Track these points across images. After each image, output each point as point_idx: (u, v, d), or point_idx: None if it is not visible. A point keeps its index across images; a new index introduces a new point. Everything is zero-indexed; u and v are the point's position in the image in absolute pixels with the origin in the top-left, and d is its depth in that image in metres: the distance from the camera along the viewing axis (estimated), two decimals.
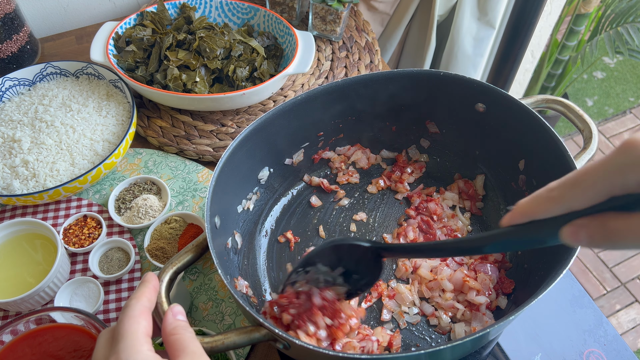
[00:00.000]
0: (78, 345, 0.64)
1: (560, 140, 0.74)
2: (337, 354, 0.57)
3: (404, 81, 0.86)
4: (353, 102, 0.88)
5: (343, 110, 0.89)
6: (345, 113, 0.90)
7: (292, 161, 0.91)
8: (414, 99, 0.88)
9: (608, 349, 0.79)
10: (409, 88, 0.87)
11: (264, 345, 0.79)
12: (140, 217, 0.88)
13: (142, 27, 1.07)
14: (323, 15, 1.16)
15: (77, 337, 0.64)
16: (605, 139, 2.52)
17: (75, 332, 0.65)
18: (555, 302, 0.84)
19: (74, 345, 0.64)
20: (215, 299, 0.83)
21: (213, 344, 0.58)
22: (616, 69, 2.83)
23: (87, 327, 0.65)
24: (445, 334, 0.78)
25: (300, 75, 1.15)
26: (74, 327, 0.65)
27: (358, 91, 0.86)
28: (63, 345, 0.63)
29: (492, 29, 1.48)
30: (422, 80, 0.86)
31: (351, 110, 0.90)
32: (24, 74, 1.01)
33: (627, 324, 1.94)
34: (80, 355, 0.63)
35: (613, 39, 1.89)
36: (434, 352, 0.58)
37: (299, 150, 0.91)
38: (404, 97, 0.88)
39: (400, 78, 0.86)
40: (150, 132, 1.03)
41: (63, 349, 0.63)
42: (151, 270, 0.85)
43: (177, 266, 0.66)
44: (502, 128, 0.84)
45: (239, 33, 1.08)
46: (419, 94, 0.87)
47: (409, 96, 0.88)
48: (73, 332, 0.64)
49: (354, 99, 0.88)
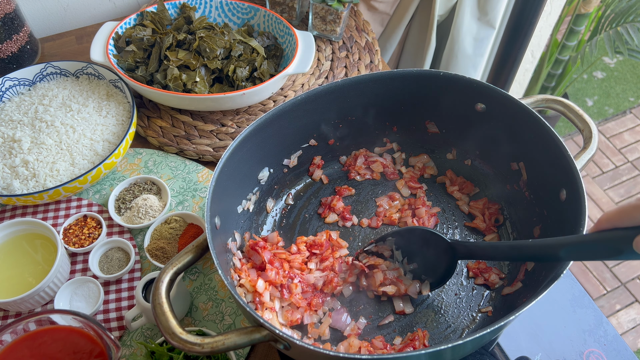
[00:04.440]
0: (77, 347, 0.64)
1: (560, 140, 0.74)
2: (337, 354, 0.57)
3: (404, 81, 0.86)
4: (353, 102, 0.88)
5: (343, 110, 0.89)
6: (345, 113, 0.90)
7: (292, 161, 0.91)
8: (414, 99, 0.88)
9: (608, 349, 0.79)
10: (409, 88, 0.87)
11: (264, 345, 0.79)
12: (140, 217, 0.88)
13: (142, 27, 1.07)
14: (323, 15, 1.16)
15: (76, 339, 0.64)
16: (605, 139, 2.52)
17: (74, 334, 0.65)
18: (556, 302, 0.84)
19: (73, 347, 0.64)
20: (215, 299, 0.83)
21: (213, 345, 0.58)
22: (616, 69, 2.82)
23: (85, 329, 0.65)
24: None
25: (300, 75, 1.15)
26: (73, 329, 0.65)
27: (358, 91, 0.86)
28: (62, 347, 0.63)
29: (492, 29, 1.48)
30: (422, 80, 0.85)
31: (351, 110, 0.90)
32: (24, 74, 1.01)
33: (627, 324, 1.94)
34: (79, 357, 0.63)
35: (613, 39, 1.89)
36: (434, 352, 0.58)
37: (298, 151, 0.91)
38: (404, 97, 0.88)
39: (400, 78, 0.86)
40: (150, 132, 1.03)
41: (62, 350, 0.63)
42: (151, 270, 0.85)
43: (177, 267, 0.66)
44: (502, 128, 0.84)
45: (239, 33, 1.08)
46: (419, 94, 0.87)
47: (409, 96, 0.88)
48: (72, 334, 0.65)
49: (354, 99, 0.88)
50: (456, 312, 0.80)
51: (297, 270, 0.81)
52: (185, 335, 0.58)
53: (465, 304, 0.81)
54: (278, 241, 0.85)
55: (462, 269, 0.84)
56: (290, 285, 0.79)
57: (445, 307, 0.80)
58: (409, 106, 0.90)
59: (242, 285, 0.76)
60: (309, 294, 0.79)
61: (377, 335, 0.77)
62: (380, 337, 0.76)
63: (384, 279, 0.80)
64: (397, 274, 0.81)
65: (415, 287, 0.80)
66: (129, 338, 0.79)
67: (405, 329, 0.78)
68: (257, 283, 0.76)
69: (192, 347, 0.58)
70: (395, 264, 0.82)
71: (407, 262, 0.81)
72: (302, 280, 0.80)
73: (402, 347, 0.75)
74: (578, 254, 0.57)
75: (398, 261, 0.82)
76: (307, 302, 0.79)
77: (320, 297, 0.80)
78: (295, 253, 0.83)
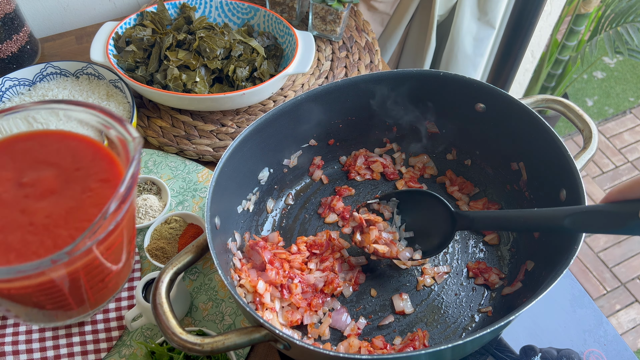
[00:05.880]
0: (76, 152, 0.50)
1: (560, 140, 0.74)
2: (338, 354, 0.57)
3: (404, 81, 0.86)
4: (353, 102, 0.88)
5: (343, 110, 0.89)
6: (345, 113, 0.90)
7: (292, 161, 0.91)
8: (414, 98, 0.88)
9: (608, 349, 0.79)
10: (409, 88, 0.87)
11: (264, 345, 0.79)
12: (140, 217, 0.88)
13: (142, 27, 1.07)
14: (323, 15, 1.16)
15: (74, 144, 0.51)
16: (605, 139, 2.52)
17: (68, 139, 0.51)
18: (555, 302, 0.84)
19: (71, 152, 0.50)
20: (215, 299, 0.83)
21: (213, 345, 0.58)
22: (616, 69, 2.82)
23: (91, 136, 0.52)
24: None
25: (300, 75, 1.15)
26: (67, 133, 0.51)
27: (358, 91, 0.86)
28: (57, 151, 0.50)
29: (492, 29, 1.48)
30: (422, 80, 0.85)
31: (351, 110, 0.90)
32: (24, 74, 1.01)
33: (627, 324, 1.94)
34: (78, 165, 0.49)
35: (613, 39, 1.89)
36: (434, 352, 0.58)
37: (298, 151, 0.91)
38: (404, 97, 0.88)
39: (400, 78, 0.86)
40: (150, 132, 1.03)
41: (58, 154, 0.50)
42: (151, 271, 0.85)
43: (177, 267, 0.66)
44: (502, 128, 0.84)
45: (239, 33, 1.08)
46: (419, 94, 0.87)
47: (409, 96, 0.88)
48: (68, 139, 0.51)
49: (354, 99, 0.88)
50: (456, 312, 0.80)
51: (297, 271, 0.81)
52: (185, 335, 0.58)
53: (465, 304, 0.81)
54: (279, 241, 0.85)
55: (462, 269, 0.84)
56: (290, 285, 0.79)
57: (445, 307, 0.80)
58: (409, 106, 0.90)
59: (242, 285, 0.76)
60: (309, 294, 0.79)
61: (377, 335, 0.77)
62: (380, 337, 0.76)
63: (379, 237, 0.80)
64: (392, 237, 0.81)
65: (407, 252, 0.80)
66: (129, 338, 0.79)
67: (405, 329, 0.78)
68: (258, 284, 0.76)
69: (192, 347, 0.58)
70: (393, 228, 0.82)
71: (404, 229, 0.82)
72: (302, 281, 0.80)
73: (402, 347, 0.75)
74: (583, 224, 0.55)
75: (396, 226, 0.82)
76: (307, 303, 0.79)
77: (320, 298, 0.80)
78: (295, 253, 0.83)
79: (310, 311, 0.78)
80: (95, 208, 0.46)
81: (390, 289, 0.83)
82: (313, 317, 0.79)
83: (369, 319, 0.80)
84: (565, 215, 0.57)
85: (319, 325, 0.78)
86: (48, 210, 0.45)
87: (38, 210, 0.45)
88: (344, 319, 0.79)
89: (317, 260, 0.83)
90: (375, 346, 0.75)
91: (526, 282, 0.78)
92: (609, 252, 2.12)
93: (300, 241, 0.85)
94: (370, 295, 0.82)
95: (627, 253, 2.12)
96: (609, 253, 2.12)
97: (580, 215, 0.55)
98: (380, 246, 0.80)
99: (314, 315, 0.79)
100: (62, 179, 0.47)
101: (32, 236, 0.43)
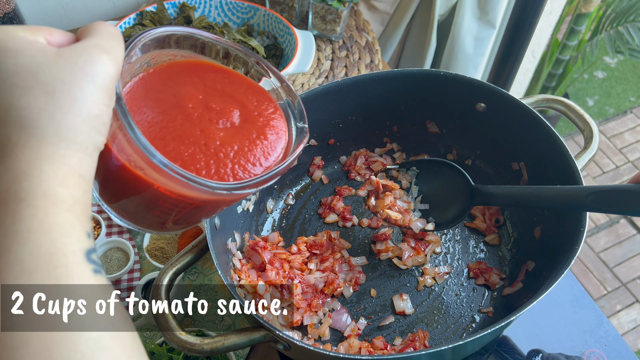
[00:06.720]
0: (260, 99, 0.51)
1: (561, 140, 0.74)
2: (338, 354, 0.57)
3: (404, 81, 0.86)
4: (353, 102, 0.88)
5: (343, 110, 0.89)
6: (345, 113, 0.90)
7: None
8: (414, 98, 0.88)
9: (609, 350, 0.79)
10: (409, 88, 0.86)
11: (264, 345, 0.79)
12: None
13: (142, 27, 1.07)
14: (323, 15, 1.16)
15: (258, 93, 0.51)
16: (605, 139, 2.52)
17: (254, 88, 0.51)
18: (556, 303, 0.84)
19: (255, 97, 0.51)
20: (215, 299, 0.83)
21: (213, 345, 0.58)
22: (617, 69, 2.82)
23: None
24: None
25: (300, 75, 1.15)
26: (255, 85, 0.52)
27: (358, 91, 0.86)
28: (244, 92, 0.50)
29: (492, 28, 1.47)
30: (422, 79, 0.85)
31: (351, 110, 0.89)
32: None
33: (627, 324, 1.94)
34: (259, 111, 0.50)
35: (613, 39, 1.88)
36: (435, 352, 0.58)
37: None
38: (404, 97, 0.88)
39: (401, 78, 0.85)
40: None
41: (245, 95, 0.50)
42: (151, 271, 0.85)
43: (177, 267, 0.65)
44: (502, 128, 0.84)
45: (238, 33, 1.08)
46: (419, 94, 0.87)
47: (409, 96, 0.88)
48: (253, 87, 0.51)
49: (354, 99, 0.87)
50: (457, 313, 0.80)
51: (297, 271, 0.81)
52: (184, 336, 0.58)
53: (465, 304, 0.80)
54: (279, 241, 0.85)
55: (463, 270, 0.84)
56: (290, 285, 0.78)
57: (445, 308, 0.80)
58: (409, 106, 0.89)
59: (242, 286, 0.76)
60: (309, 295, 0.79)
61: (378, 336, 0.77)
62: (381, 338, 0.76)
63: (393, 204, 0.80)
64: (407, 206, 0.81)
65: (419, 223, 0.80)
66: None
67: (405, 330, 0.78)
68: (258, 284, 0.76)
69: (192, 348, 0.58)
70: (409, 198, 0.82)
71: (420, 201, 0.81)
72: (302, 281, 0.79)
73: (402, 347, 0.74)
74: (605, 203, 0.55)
75: (412, 196, 0.82)
76: (307, 303, 0.78)
77: (321, 298, 0.79)
78: (295, 253, 0.83)
79: (311, 312, 0.78)
80: (263, 157, 0.48)
81: (390, 289, 0.82)
82: (313, 317, 0.78)
83: (369, 319, 0.79)
84: (588, 193, 0.56)
85: (319, 326, 0.78)
86: (223, 139, 0.46)
87: (215, 135, 0.46)
88: (344, 320, 0.78)
89: (317, 261, 0.83)
90: (375, 347, 0.75)
91: (527, 283, 0.78)
92: (610, 252, 2.12)
93: (301, 241, 0.85)
94: (371, 296, 0.82)
95: (627, 253, 2.12)
96: (610, 253, 2.12)
97: (605, 193, 0.54)
98: (394, 212, 0.79)
99: (314, 316, 0.78)
100: (243, 117, 0.48)
101: (201, 155, 0.44)
